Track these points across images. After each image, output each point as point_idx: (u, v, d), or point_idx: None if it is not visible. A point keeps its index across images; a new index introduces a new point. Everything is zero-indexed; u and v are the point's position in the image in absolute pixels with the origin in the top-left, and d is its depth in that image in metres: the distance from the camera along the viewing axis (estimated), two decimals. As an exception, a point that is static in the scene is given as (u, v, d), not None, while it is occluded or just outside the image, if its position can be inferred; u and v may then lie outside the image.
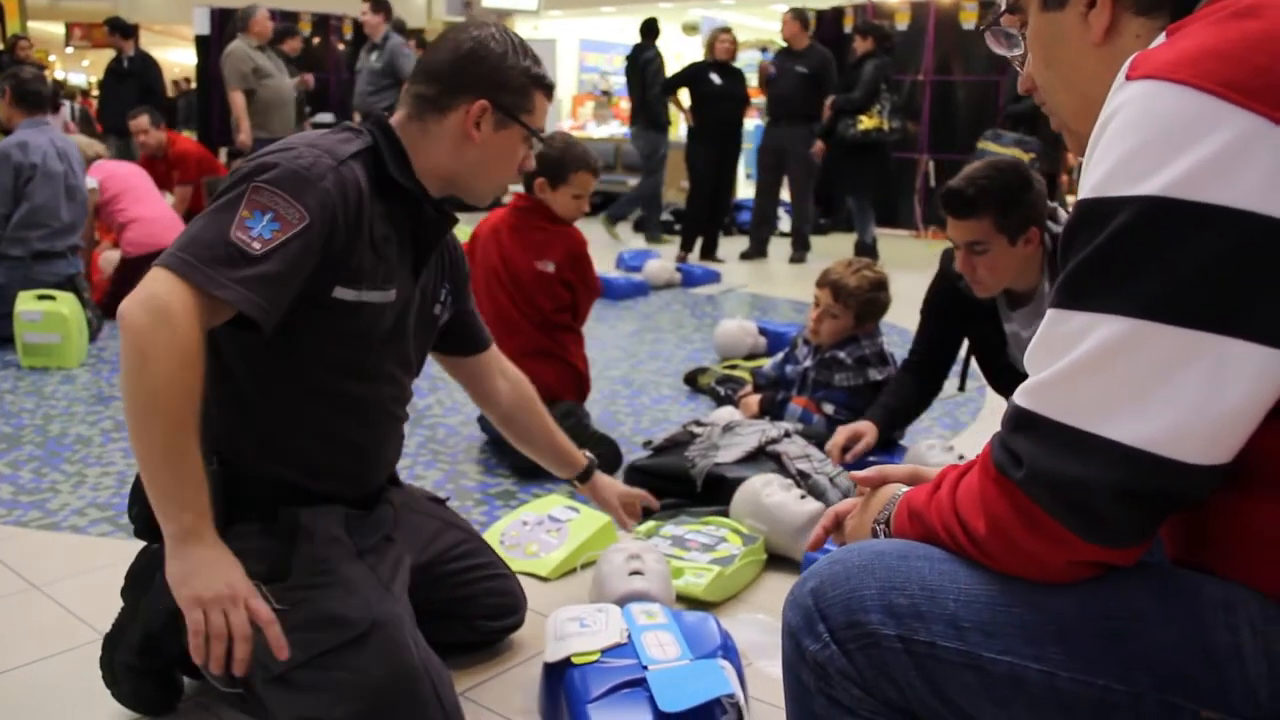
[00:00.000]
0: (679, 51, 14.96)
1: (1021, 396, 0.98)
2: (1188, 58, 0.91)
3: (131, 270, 5.61)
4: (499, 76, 1.84)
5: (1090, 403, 0.92)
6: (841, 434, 3.05)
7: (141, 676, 1.91)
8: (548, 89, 1.92)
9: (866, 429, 3.07)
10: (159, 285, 1.54)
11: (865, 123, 7.81)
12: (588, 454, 2.43)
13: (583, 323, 3.62)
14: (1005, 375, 2.91)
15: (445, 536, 2.14)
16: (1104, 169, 0.93)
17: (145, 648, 1.88)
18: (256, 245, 1.59)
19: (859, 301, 3.27)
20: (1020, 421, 0.97)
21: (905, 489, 1.27)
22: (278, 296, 1.62)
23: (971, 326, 2.89)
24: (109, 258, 5.84)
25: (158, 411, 1.49)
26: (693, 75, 8.29)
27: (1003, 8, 1.18)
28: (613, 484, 2.48)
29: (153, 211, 5.79)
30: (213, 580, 1.54)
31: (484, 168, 1.89)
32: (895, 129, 7.99)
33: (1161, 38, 0.97)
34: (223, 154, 10.07)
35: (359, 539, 1.85)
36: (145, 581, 1.90)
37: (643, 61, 9.13)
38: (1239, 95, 0.87)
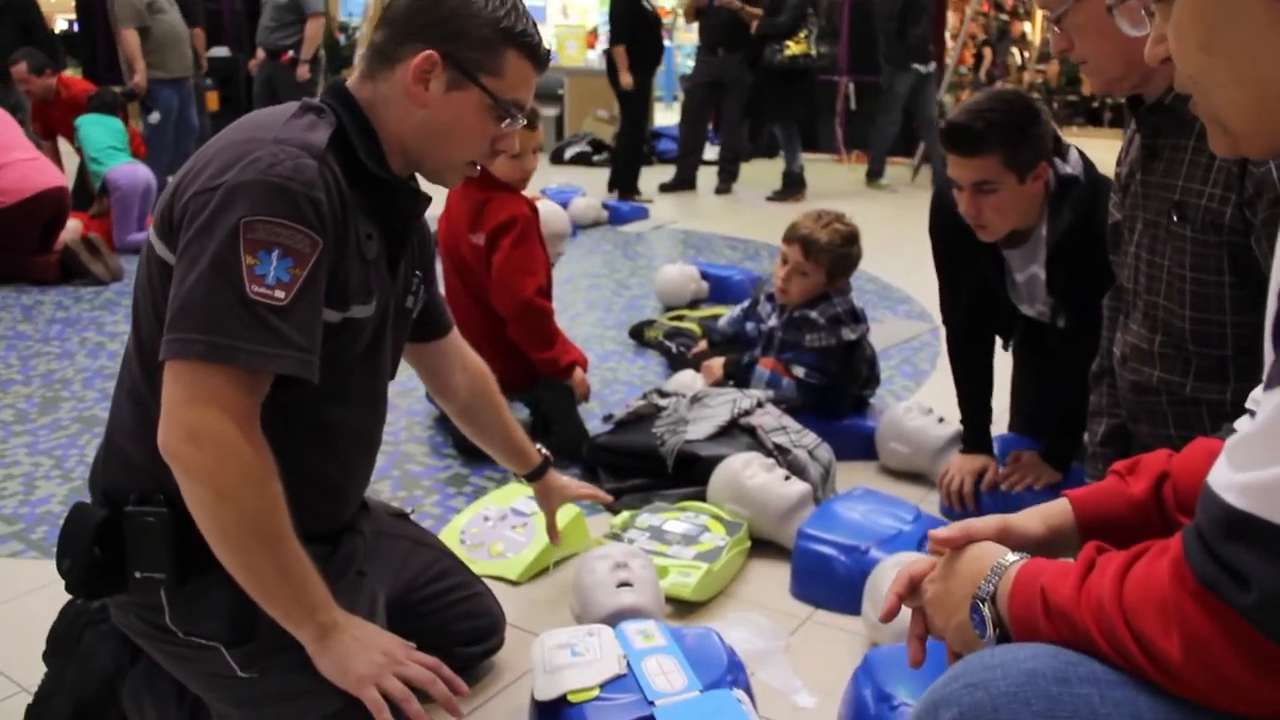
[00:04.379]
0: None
1: (1241, 495, 0.76)
2: None
3: (7, 224, 5.21)
4: (458, 23, 1.51)
5: None
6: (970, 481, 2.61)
7: (73, 753, 1.64)
8: (529, 50, 1.56)
9: (985, 464, 2.63)
10: (196, 398, 1.35)
11: (792, 48, 7.53)
12: (542, 449, 2.16)
13: (505, 313, 3.04)
14: (1003, 318, 2.71)
15: (416, 559, 1.92)
16: None
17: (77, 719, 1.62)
18: (280, 294, 1.36)
19: (831, 258, 3.06)
20: (1241, 528, 0.76)
21: (1009, 554, 1.06)
22: (316, 341, 1.41)
23: (972, 261, 2.63)
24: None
25: (254, 542, 1.39)
26: (636, 3, 7.85)
27: None
28: (566, 485, 2.21)
29: (24, 154, 5.41)
30: (370, 657, 1.46)
31: (434, 138, 1.57)
32: (823, 54, 7.73)
33: None
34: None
35: (329, 580, 1.60)
36: (70, 644, 1.65)
37: None
38: None
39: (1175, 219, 1.74)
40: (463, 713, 1.54)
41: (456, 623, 1.94)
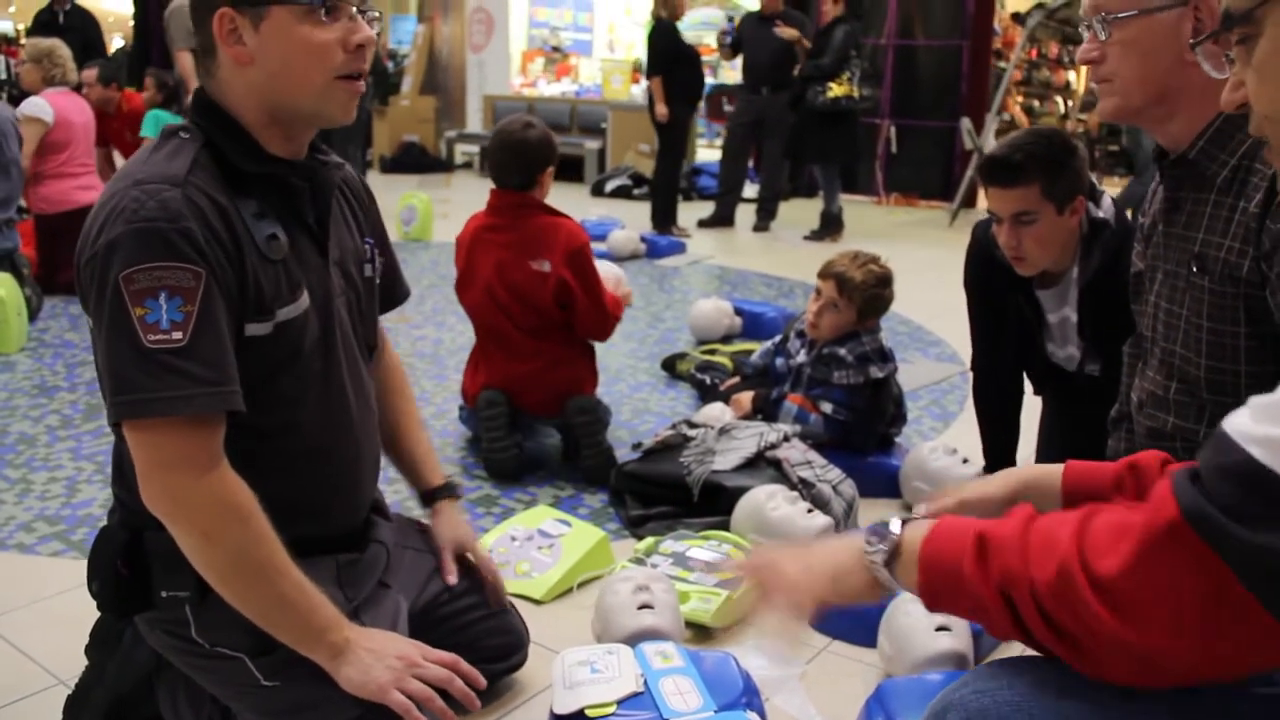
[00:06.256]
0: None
1: (1259, 447, 0.80)
2: None
3: (49, 233, 5.37)
4: None
5: None
6: None
7: (109, 745, 1.71)
8: None
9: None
10: (159, 457, 1.41)
11: (835, 90, 7.59)
12: (450, 478, 2.06)
13: (585, 335, 3.28)
14: (1035, 363, 2.73)
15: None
16: None
17: (115, 712, 1.70)
18: (177, 335, 1.38)
19: (863, 297, 3.11)
20: (1255, 479, 0.79)
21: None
22: (228, 368, 1.43)
23: (1009, 303, 2.66)
24: None
25: (247, 576, 1.45)
26: (675, 38, 7.97)
27: (1225, 21, 0.97)
28: (454, 525, 2.00)
29: (80, 170, 5.54)
30: (388, 664, 1.52)
31: (281, 81, 1.50)
32: (865, 96, 7.79)
33: None
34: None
35: (351, 591, 1.67)
36: (113, 641, 1.71)
37: None
38: None
39: (1194, 270, 1.78)
40: (478, 706, 1.60)
41: (481, 639, 1.97)
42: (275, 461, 1.57)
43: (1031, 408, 2.86)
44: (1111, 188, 2.57)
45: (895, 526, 1.08)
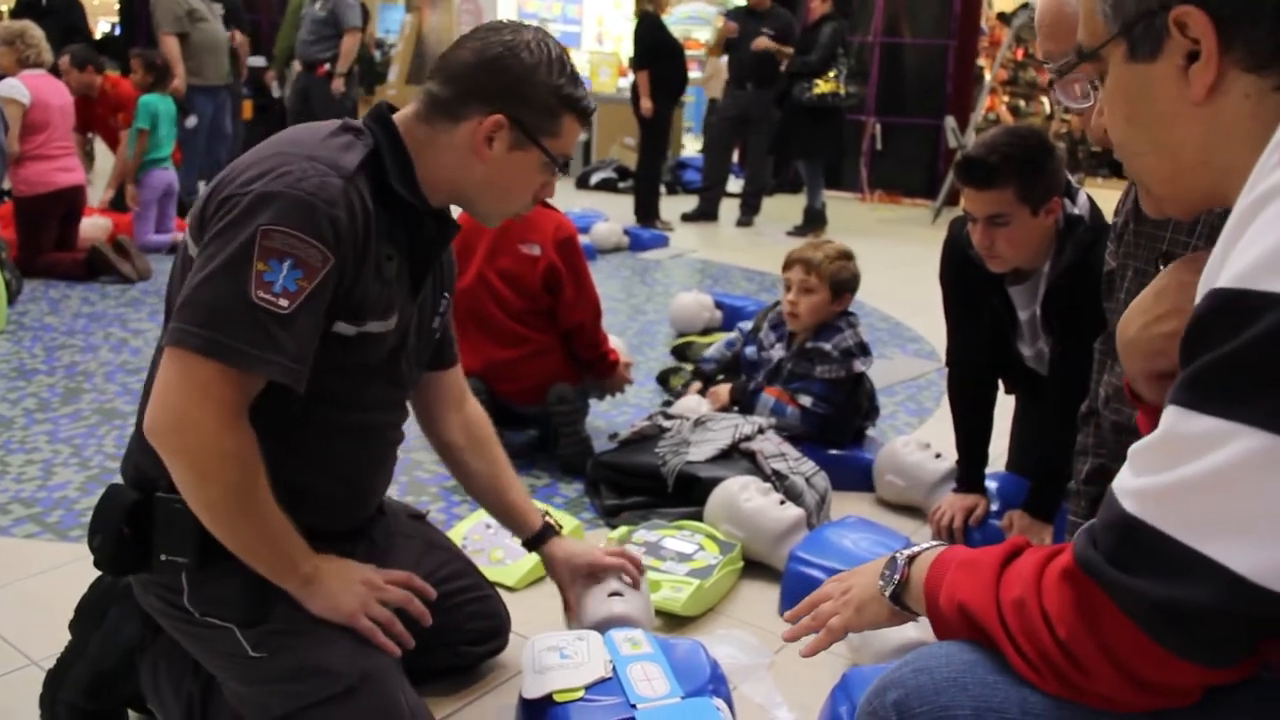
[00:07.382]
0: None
1: (1130, 500, 0.86)
2: None
3: (29, 215, 5.38)
4: (524, 91, 1.61)
5: (1206, 520, 0.80)
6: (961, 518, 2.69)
7: (88, 718, 1.73)
8: (583, 114, 1.69)
9: (976, 503, 2.72)
10: (187, 387, 1.42)
11: (821, 86, 7.64)
12: (548, 517, 2.10)
13: (568, 325, 3.23)
14: (1013, 367, 2.76)
15: (428, 559, 1.98)
16: (1254, 256, 0.78)
17: (95, 687, 1.72)
18: (284, 302, 1.43)
19: (831, 271, 3.14)
20: (1128, 530, 0.86)
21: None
22: (310, 353, 1.48)
23: (984, 301, 2.68)
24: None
25: (237, 514, 1.49)
26: (661, 31, 7.99)
27: (1078, 55, 1.02)
28: (568, 558, 2.05)
29: (59, 152, 5.55)
30: (352, 590, 1.61)
31: (492, 190, 1.68)
32: (851, 93, 7.83)
33: None
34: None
35: None
36: (97, 616, 1.73)
37: None
38: None
39: (1162, 267, 1.80)
40: (430, 622, 1.72)
41: (465, 622, 2.01)
42: (305, 451, 1.62)
43: (1005, 403, 2.89)
44: (1094, 189, 2.60)
45: (902, 561, 1.19)
